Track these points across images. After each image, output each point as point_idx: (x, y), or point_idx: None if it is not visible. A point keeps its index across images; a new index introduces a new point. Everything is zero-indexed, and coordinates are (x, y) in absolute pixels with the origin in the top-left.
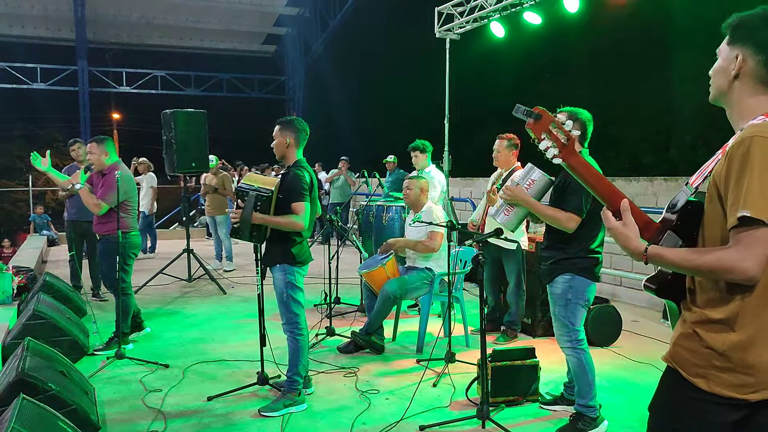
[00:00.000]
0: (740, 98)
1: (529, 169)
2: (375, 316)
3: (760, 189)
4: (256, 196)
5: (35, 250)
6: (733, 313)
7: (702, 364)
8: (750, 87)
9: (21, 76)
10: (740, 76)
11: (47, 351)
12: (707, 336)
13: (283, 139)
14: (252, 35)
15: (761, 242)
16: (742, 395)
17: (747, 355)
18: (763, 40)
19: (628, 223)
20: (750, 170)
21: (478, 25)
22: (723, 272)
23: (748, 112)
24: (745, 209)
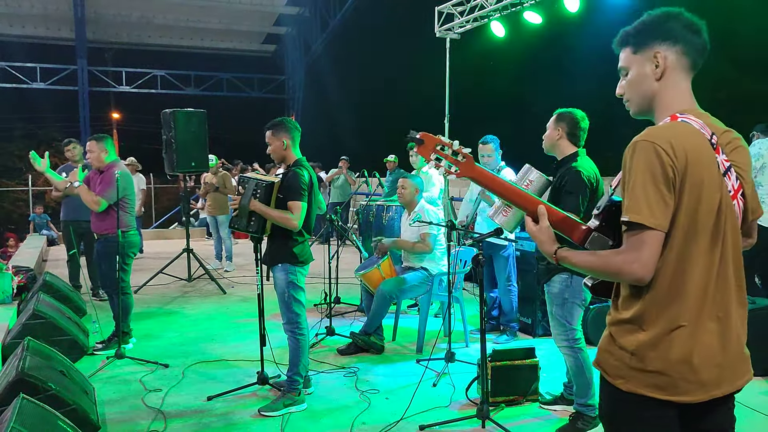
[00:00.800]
0: (663, 99)
1: (527, 170)
2: (372, 317)
3: (641, 193)
4: (256, 183)
5: (35, 249)
6: (639, 312)
7: (619, 365)
8: (674, 81)
9: (21, 76)
10: (665, 72)
11: (47, 351)
12: (619, 336)
13: (280, 142)
14: (252, 35)
15: (647, 244)
16: (667, 396)
17: (655, 354)
18: (672, 32)
19: (543, 228)
20: (634, 174)
21: (478, 24)
22: (614, 274)
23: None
24: (626, 214)
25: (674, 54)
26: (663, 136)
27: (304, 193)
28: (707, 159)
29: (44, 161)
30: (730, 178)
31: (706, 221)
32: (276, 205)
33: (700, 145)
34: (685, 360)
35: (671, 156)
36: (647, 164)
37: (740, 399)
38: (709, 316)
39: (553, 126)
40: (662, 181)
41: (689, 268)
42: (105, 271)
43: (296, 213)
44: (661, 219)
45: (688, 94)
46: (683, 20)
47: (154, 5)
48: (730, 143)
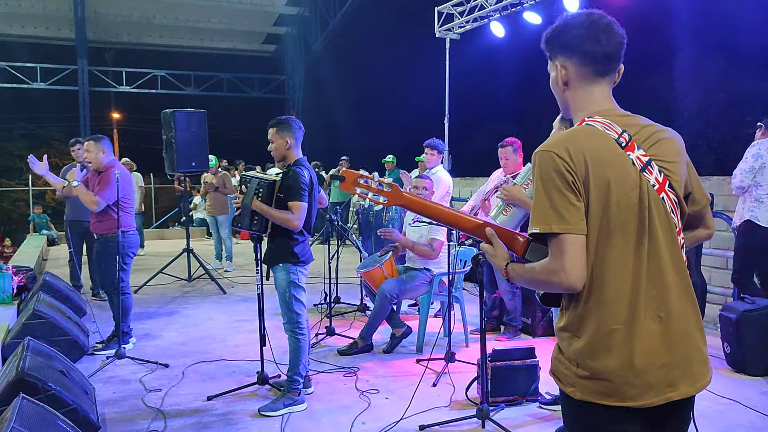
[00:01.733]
0: (576, 104)
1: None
2: (374, 317)
3: (546, 202)
4: (258, 183)
5: (35, 249)
6: (571, 319)
7: (568, 374)
8: (579, 90)
9: (21, 76)
10: (569, 82)
11: (47, 351)
12: (562, 344)
13: (283, 141)
14: (252, 35)
15: (567, 250)
16: (615, 402)
17: (593, 360)
18: (567, 43)
19: (496, 247)
20: (536, 185)
21: (478, 24)
22: (546, 285)
23: (581, 115)
24: (535, 225)
25: (573, 65)
26: (558, 143)
27: (304, 193)
28: (613, 158)
29: (44, 164)
30: (651, 172)
31: (623, 220)
32: (276, 204)
33: (601, 145)
34: (625, 363)
35: (568, 161)
36: (547, 173)
37: (740, 398)
38: (647, 316)
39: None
40: (564, 187)
41: (610, 270)
42: (104, 271)
43: (296, 213)
44: (574, 222)
45: (601, 97)
46: (580, 30)
47: (154, 5)
48: (650, 137)
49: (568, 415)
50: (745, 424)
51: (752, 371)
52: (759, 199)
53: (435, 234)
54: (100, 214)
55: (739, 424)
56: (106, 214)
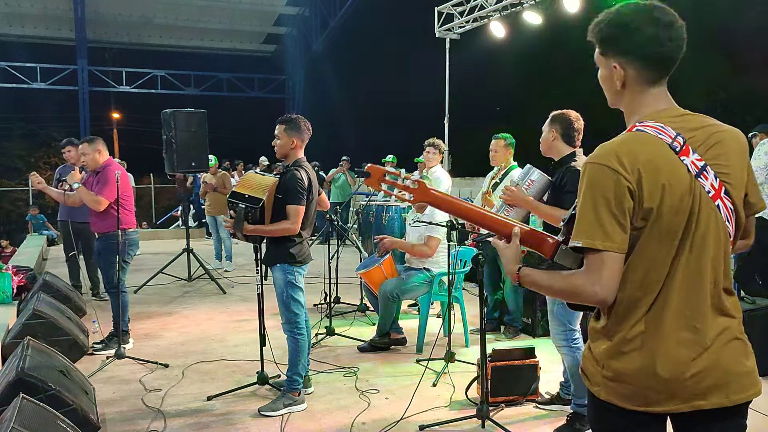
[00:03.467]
0: (630, 104)
1: (528, 170)
2: (383, 319)
3: (593, 217)
4: (245, 210)
5: (35, 249)
6: (605, 321)
7: (594, 373)
8: (635, 91)
9: (21, 76)
10: (626, 83)
11: (47, 351)
12: (593, 344)
13: (289, 141)
14: (252, 35)
15: (607, 266)
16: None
17: (617, 363)
18: (629, 46)
19: (512, 247)
20: (583, 197)
21: (478, 24)
22: (575, 295)
23: (634, 118)
24: (578, 239)
25: (633, 69)
26: (611, 153)
27: (302, 195)
28: (666, 164)
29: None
30: (706, 177)
31: (671, 227)
32: (274, 205)
33: (654, 152)
34: (647, 368)
35: (621, 173)
36: (598, 186)
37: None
38: (681, 325)
39: (547, 128)
40: (614, 203)
41: (648, 275)
42: (104, 269)
43: (293, 218)
44: (618, 241)
45: (657, 98)
46: (646, 32)
47: (154, 5)
48: (708, 139)
49: (591, 414)
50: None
51: None
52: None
53: (432, 232)
54: (101, 213)
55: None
56: (107, 213)
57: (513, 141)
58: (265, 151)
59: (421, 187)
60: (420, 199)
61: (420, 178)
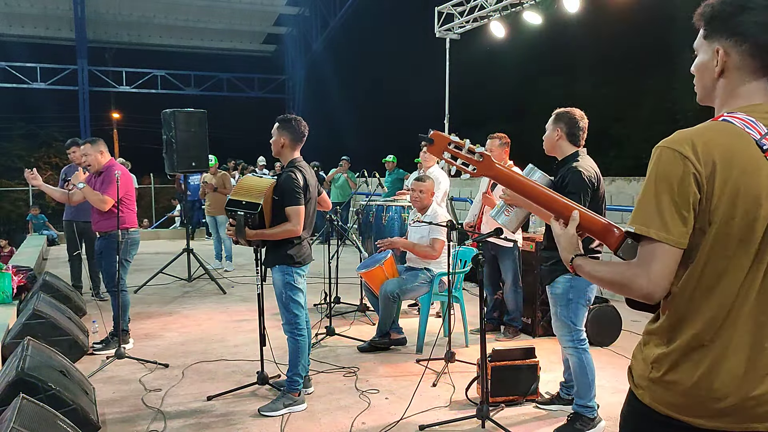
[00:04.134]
0: (724, 94)
1: (530, 170)
2: (383, 319)
3: (653, 203)
4: (244, 216)
5: (35, 249)
6: (664, 325)
7: (641, 374)
8: (737, 80)
9: (21, 76)
10: (725, 71)
11: (47, 350)
12: (645, 345)
13: (279, 139)
14: (252, 35)
15: (658, 259)
16: (681, 416)
17: (671, 370)
18: (741, 28)
19: (568, 233)
20: (648, 181)
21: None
22: (624, 287)
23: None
24: (633, 224)
25: (738, 54)
26: (686, 139)
27: (300, 196)
28: (747, 162)
29: (36, 177)
30: None
31: (747, 232)
32: (273, 207)
33: (737, 146)
34: (703, 382)
35: (693, 161)
36: (664, 172)
37: None
38: (748, 342)
39: (551, 127)
40: (679, 192)
41: (719, 285)
42: (105, 269)
43: (294, 219)
44: (676, 234)
45: (755, 91)
46: (759, 16)
47: (154, 5)
48: None
49: (629, 417)
50: None
51: None
52: None
53: (436, 234)
54: (104, 213)
55: None
56: (109, 212)
57: (507, 142)
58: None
59: (486, 161)
60: (483, 173)
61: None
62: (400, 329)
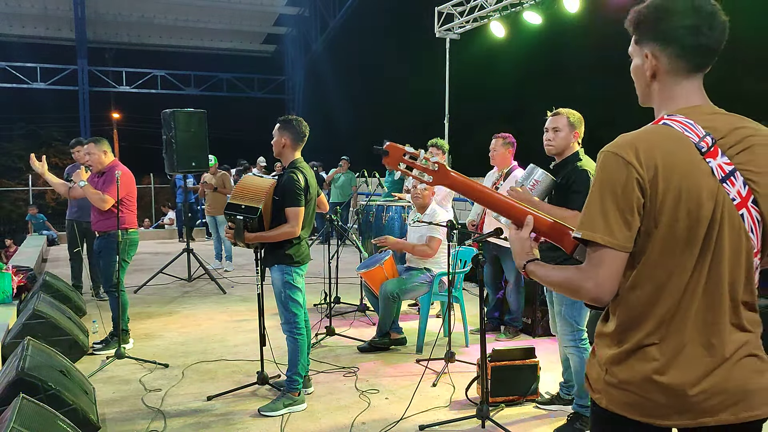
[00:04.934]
0: (660, 97)
1: (532, 170)
2: (383, 319)
3: (598, 209)
4: (244, 220)
5: (35, 249)
6: (614, 326)
7: (597, 379)
8: (668, 83)
9: (21, 76)
10: (657, 74)
11: (47, 350)
12: (598, 349)
13: (280, 139)
14: (252, 35)
15: (605, 264)
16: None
17: (622, 370)
18: (666, 32)
19: (521, 237)
20: (593, 186)
21: (478, 24)
22: (574, 291)
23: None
24: (579, 229)
25: (667, 57)
26: (630, 144)
27: (300, 197)
28: (688, 165)
29: (43, 164)
30: (733, 183)
31: (690, 235)
32: (273, 207)
33: (677, 150)
34: (656, 380)
35: (636, 166)
36: (609, 177)
37: None
38: (697, 340)
39: (569, 129)
40: (623, 197)
41: (665, 285)
42: (103, 268)
43: (293, 220)
44: (621, 239)
45: (690, 92)
46: (682, 20)
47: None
48: (741, 141)
49: (592, 421)
50: None
51: None
52: None
53: (433, 233)
54: (104, 212)
55: None
56: (109, 212)
57: (512, 142)
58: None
59: (442, 169)
60: (440, 182)
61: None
62: (400, 329)
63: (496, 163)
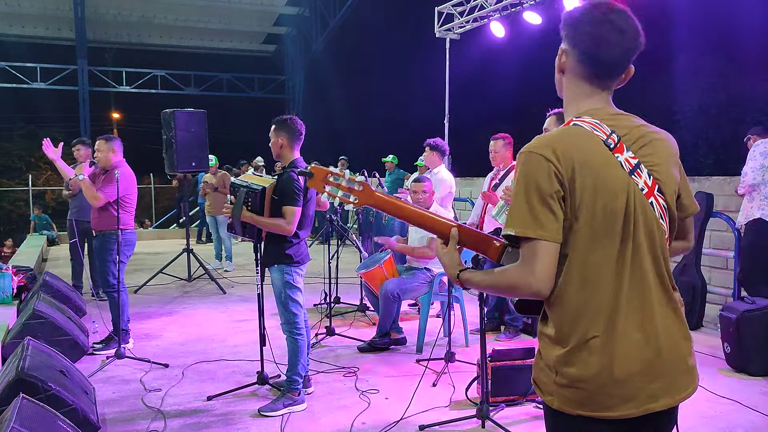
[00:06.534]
0: (567, 94)
1: None
2: (383, 319)
3: (524, 205)
4: (246, 192)
5: (35, 249)
6: (554, 326)
7: (547, 382)
8: (572, 83)
9: (21, 76)
10: (566, 71)
11: (47, 351)
12: (543, 351)
13: (277, 140)
14: (252, 35)
15: (539, 256)
16: (591, 413)
17: (572, 369)
18: (575, 35)
19: (448, 251)
20: (517, 186)
21: (478, 24)
22: (512, 288)
23: (571, 110)
24: (509, 228)
25: (572, 58)
26: (546, 145)
27: (298, 197)
28: (600, 161)
29: (58, 150)
30: (640, 175)
31: (610, 224)
32: (271, 206)
33: (589, 147)
34: (604, 372)
35: (555, 164)
36: (532, 174)
37: (740, 398)
38: (630, 326)
39: (554, 127)
40: (547, 192)
41: (595, 277)
42: (99, 268)
43: (289, 218)
44: (550, 230)
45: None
46: (585, 27)
47: (154, 5)
48: (641, 138)
49: (547, 424)
50: (745, 424)
51: (752, 371)
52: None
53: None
54: (101, 212)
55: (739, 424)
56: (107, 212)
57: (510, 142)
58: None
59: (366, 189)
60: (364, 203)
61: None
62: (400, 329)
63: (497, 164)
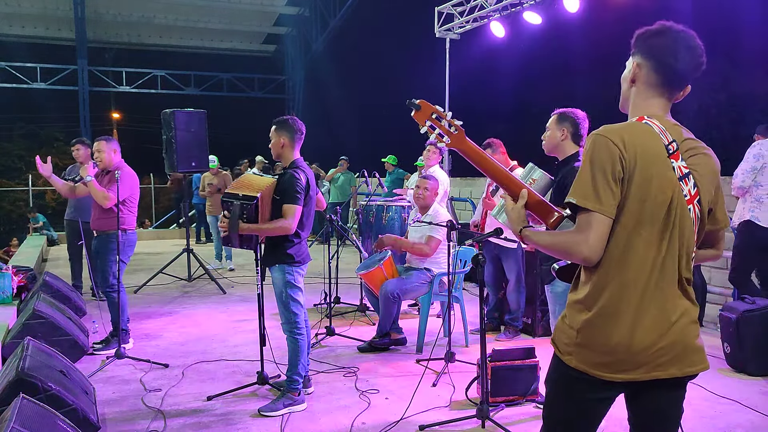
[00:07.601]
0: (634, 102)
1: (530, 169)
2: (383, 319)
3: (589, 180)
4: (241, 206)
5: (35, 249)
6: (587, 293)
7: (568, 342)
8: (642, 92)
9: (21, 76)
10: (636, 81)
11: (47, 351)
12: (570, 315)
13: (278, 140)
14: (252, 35)
15: (594, 227)
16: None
17: (596, 333)
18: (651, 48)
19: (517, 208)
20: (585, 163)
21: (478, 24)
22: (565, 252)
23: (637, 112)
24: (572, 197)
25: (645, 68)
26: (616, 132)
27: (299, 196)
28: (659, 158)
29: (48, 165)
30: (687, 183)
31: (655, 213)
32: (272, 206)
33: (653, 145)
34: (625, 341)
35: (621, 149)
36: (598, 156)
37: (740, 398)
38: (655, 305)
39: (556, 127)
40: (610, 173)
41: (634, 255)
42: (100, 268)
43: (290, 217)
44: (607, 205)
45: (656, 104)
46: (667, 41)
47: (154, 5)
48: (691, 149)
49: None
50: (745, 424)
51: (752, 371)
52: (759, 199)
53: (433, 233)
54: (103, 211)
55: (738, 424)
56: (109, 212)
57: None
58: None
59: (460, 134)
60: (455, 146)
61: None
62: (400, 329)
63: None
